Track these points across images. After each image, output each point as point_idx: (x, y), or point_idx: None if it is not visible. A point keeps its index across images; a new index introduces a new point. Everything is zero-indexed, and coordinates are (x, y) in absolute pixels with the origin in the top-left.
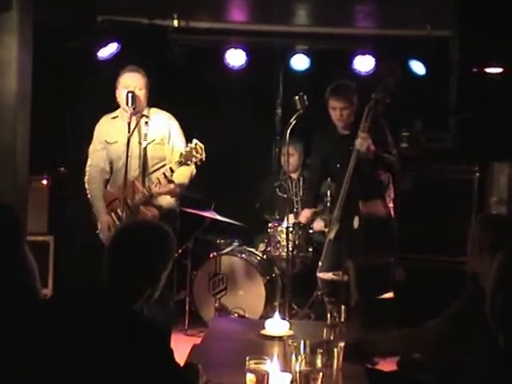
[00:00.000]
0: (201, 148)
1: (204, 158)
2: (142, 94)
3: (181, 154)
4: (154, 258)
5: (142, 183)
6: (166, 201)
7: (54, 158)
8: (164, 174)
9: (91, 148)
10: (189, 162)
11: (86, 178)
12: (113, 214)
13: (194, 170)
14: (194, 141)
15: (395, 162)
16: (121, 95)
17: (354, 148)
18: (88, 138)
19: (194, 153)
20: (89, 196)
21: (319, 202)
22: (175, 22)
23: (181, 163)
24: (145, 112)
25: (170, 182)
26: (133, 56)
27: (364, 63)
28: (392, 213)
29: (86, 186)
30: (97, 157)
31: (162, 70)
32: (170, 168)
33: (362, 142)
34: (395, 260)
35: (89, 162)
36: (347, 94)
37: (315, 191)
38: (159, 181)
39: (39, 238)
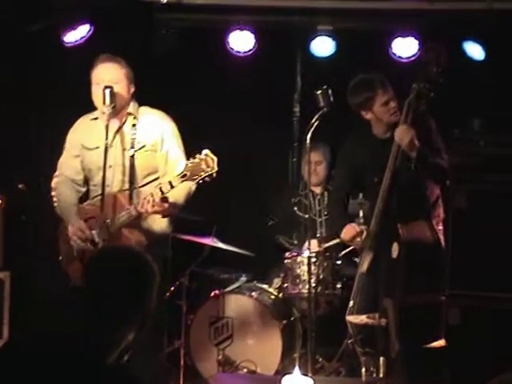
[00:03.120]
0: (212, 160)
1: (215, 174)
2: (121, 87)
3: (186, 165)
4: (130, 296)
5: (128, 199)
6: (157, 224)
7: (10, 173)
8: (160, 188)
9: (63, 156)
10: (195, 177)
11: (53, 191)
12: None
13: (193, 187)
14: (205, 151)
15: (446, 170)
16: (94, 93)
17: (393, 146)
18: (53, 146)
19: (204, 166)
20: (56, 206)
21: (346, 223)
22: None
23: (184, 177)
24: (131, 110)
25: (164, 199)
26: (109, 41)
27: (405, 47)
28: (441, 238)
29: (54, 197)
30: (68, 166)
31: (147, 58)
32: (170, 182)
33: (402, 134)
34: (447, 299)
35: (57, 172)
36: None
37: (339, 210)
38: (153, 197)
39: None
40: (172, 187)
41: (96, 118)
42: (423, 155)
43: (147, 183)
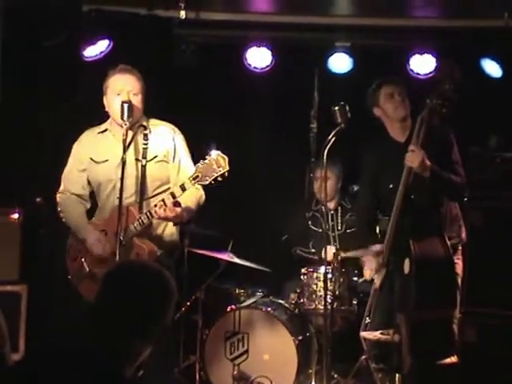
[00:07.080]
0: (224, 160)
1: (227, 173)
2: (137, 100)
3: (197, 167)
4: (149, 311)
5: (139, 210)
6: (168, 232)
7: (28, 187)
8: (172, 193)
9: (66, 171)
10: (207, 178)
11: (58, 206)
12: None
13: (203, 196)
14: (215, 152)
15: (462, 185)
16: (111, 103)
17: (405, 168)
18: None
19: (215, 166)
20: (66, 222)
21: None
22: (182, 13)
23: (196, 179)
24: (143, 122)
25: (177, 204)
26: (128, 56)
27: (423, 64)
28: (458, 257)
29: (60, 213)
30: (73, 181)
31: (165, 73)
32: (181, 186)
33: (411, 157)
34: (463, 316)
35: (61, 188)
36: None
37: (368, 226)
38: (164, 202)
39: (8, 288)
40: (184, 190)
41: (104, 131)
42: (436, 173)
43: (158, 194)
